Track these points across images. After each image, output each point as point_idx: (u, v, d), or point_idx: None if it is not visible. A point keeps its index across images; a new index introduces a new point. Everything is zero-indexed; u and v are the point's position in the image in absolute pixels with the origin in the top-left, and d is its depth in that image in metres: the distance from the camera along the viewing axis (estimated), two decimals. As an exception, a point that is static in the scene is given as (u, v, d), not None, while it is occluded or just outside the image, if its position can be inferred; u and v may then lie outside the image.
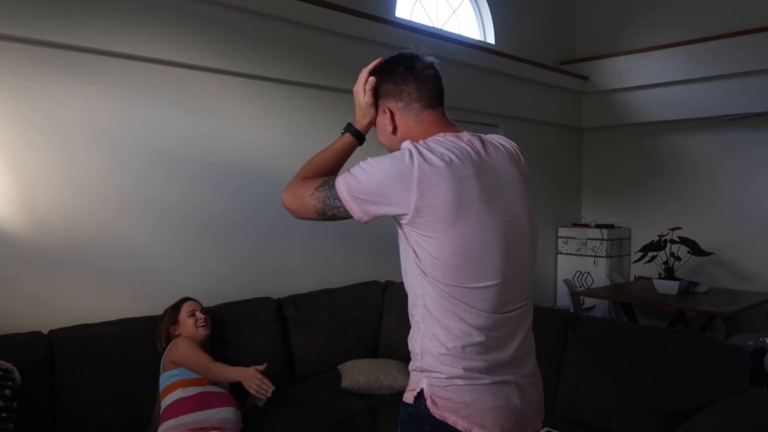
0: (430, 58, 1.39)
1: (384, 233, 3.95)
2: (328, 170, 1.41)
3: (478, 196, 1.23)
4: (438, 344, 1.26)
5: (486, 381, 1.25)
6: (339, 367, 3.06)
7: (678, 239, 4.26)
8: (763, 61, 4.41)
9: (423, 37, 3.91)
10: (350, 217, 1.30)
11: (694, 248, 4.25)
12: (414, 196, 1.20)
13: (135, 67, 2.77)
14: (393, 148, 1.39)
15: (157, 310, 2.65)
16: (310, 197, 1.33)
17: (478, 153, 1.28)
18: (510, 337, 1.29)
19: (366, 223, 1.29)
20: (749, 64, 4.49)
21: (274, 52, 3.24)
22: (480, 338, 1.24)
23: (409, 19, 4.30)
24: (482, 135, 1.37)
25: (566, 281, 5.01)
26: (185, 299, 2.64)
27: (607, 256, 5.24)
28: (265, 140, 3.29)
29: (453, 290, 1.24)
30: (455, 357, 1.24)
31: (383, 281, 3.67)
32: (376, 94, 1.41)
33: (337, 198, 1.28)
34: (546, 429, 2.26)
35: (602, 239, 5.25)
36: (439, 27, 4.60)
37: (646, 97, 5.18)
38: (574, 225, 5.61)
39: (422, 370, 1.29)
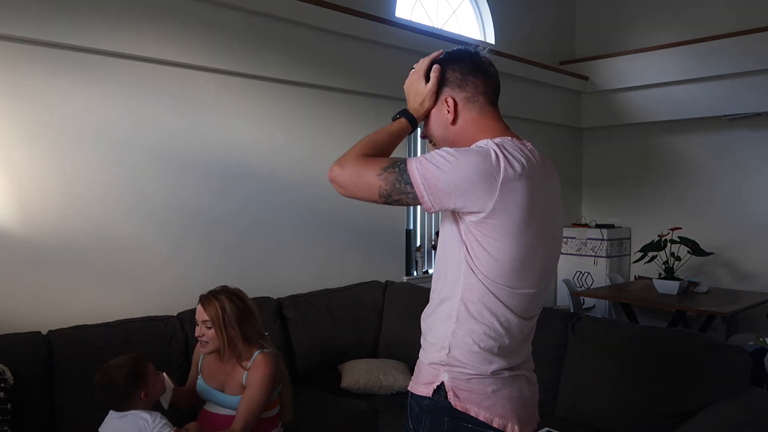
0: (489, 57, 1.39)
1: (384, 233, 3.95)
2: (383, 152, 1.34)
3: (540, 209, 1.26)
4: (471, 342, 1.27)
5: (506, 374, 1.29)
6: (339, 367, 3.06)
7: (678, 239, 4.26)
8: (763, 61, 4.41)
9: (423, 37, 3.91)
10: (415, 204, 1.24)
11: (694, 248, 4.25)
12: (494, 198, 1.19)
13: (134, 67, 2.77)
14: (447, 140, 1.37)
15: (157, 310, 2.65)
16: (377, 177, 1.24)
17: (539, 165, 1.28)
18: (526, 339, 1.36)
19: (432, 212, 1.26)
20: (749, 64, 4.49)
21: (274, 52, 3.24)
22: (508, 340, 1.28)
23: (409, 19, 4.30)
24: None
25: (566, 281, 5.00)
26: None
27: (607, 256, 5.24)
28: (266, 141, 3.29)
29: (500, 291, 1.26)
30: (486, 356, 1.27)
31: (383, 281, 3.66)
32: (439, 83, 1.36)
33: (410, 183, 1.22)
34: (546, 429, 2.25)
35: (602, 239, 5.24)
36: (439, 27, 4.60)
37: (646, 97, 5.17)
38: (574, 225, 5.61)
39: (446, 364, 1.29)
